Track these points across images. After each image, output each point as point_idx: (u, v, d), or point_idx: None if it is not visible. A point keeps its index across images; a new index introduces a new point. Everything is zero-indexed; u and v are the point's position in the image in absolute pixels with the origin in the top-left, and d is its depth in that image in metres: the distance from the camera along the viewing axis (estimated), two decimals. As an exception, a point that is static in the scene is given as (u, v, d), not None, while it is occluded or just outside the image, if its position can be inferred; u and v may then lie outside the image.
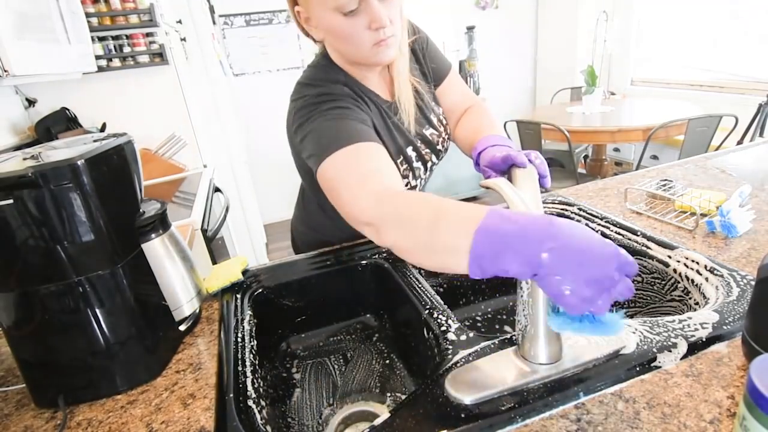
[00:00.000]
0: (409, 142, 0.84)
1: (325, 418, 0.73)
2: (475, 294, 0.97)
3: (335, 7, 0.65)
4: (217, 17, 3.21)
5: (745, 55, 2.93)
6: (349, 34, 0.68)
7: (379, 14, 0.65)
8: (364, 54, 0.71)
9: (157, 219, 0.64)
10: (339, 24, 0.67)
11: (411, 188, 0.85)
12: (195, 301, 0.69)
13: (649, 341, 0.51)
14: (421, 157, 0.86)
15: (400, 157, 0.82)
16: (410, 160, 0.83)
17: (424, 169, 0.87)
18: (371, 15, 0.66)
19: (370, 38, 0.68)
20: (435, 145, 0.89)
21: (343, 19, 0.66)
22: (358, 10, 0.65)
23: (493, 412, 0.45)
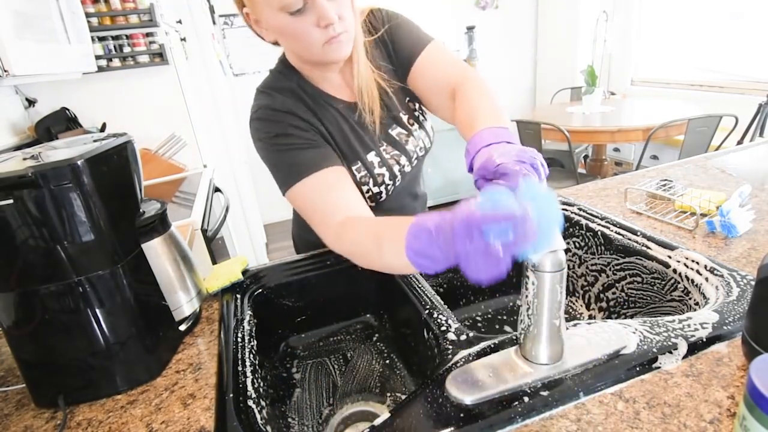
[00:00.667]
0: (370, 147, 0.80)
1: (325, 418, 0.73)
2: (475, 294, 0.97)
3: (280, 7, 0.63)
4: (217, 17, 3.21)
5: (745, 55, 2.93)
6: (298, 34, 0.66)
7: (326, 11, 0.63)
8: (315, 53, 0.69)
9: (157, 219, 0.64)
10: (287, 24, 0.65)
11: (373, 195, 0.81)
12: (195, 301, 0.69)
13: (649, 341, 0.51)
14: (385, 162, 0.81)
15: (357, 163, 0.79)
16: (370, 167, 0.80)
17: (390, 175, 0.82)
18: (318, 13, 0.64)
19: (319, 36, 0.66)
20: (403, 145, 0.84)
21: (291, 19, 0.64)
22: (305, 9, 0.63)
23: (493, 412, 0.45)
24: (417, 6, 3.59)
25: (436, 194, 3.55)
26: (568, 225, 0.92)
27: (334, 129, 0.77)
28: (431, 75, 0.80)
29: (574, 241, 0.91)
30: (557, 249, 0.45)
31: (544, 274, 0.46)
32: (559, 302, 0.47)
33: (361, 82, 0.77)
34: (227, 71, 3.25)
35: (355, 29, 0.73)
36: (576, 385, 0.47)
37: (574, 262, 0.91)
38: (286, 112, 0.73)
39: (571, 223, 0.91)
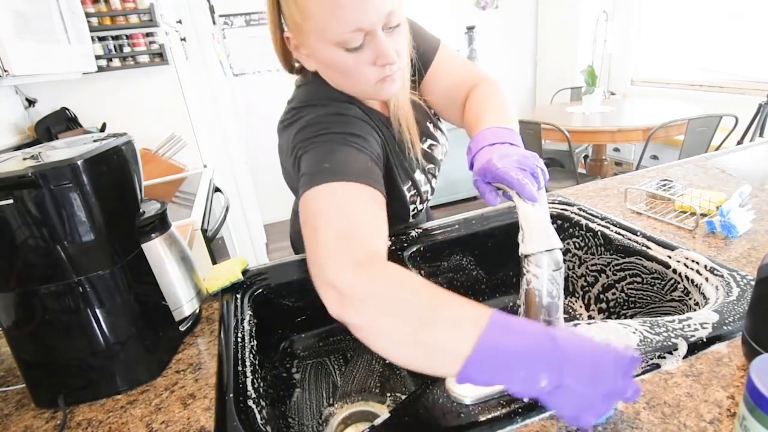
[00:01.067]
0: (415, 165, 0.77)
1: (325, 418, 0.73)
2: (475, 294, 0.97)
3: (337, 42, 0.56)
4: (217, 17, 3.21)
5: (745, 55, 2.93)
6: (352, 71, 0.60)
7: (387, 50, 0.57)
8: (365, 90, 0.64)
9: (157, 219, 0.64)
10: (340, 59, 0.58)
11: (417, 212, 0.79)
12: (195, 301, 0.69)
13: (649, 341, 0.51)
14: (429, 179, 0.81)
15: (408, 182, 0.75)
16: (418, 185, 0.77)
17: (431, 190, 0.82)
18: (378, 51, 0.57)
19: (374, 75, 0.60)
20: (435, 157, 0.83)
21: (346, 55, 0.58)
22: (363, 45, 0.57)
23: (494, 411, 0.45)
24: (417, 6, 3.59)
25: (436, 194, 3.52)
26: (568, 225, 0.92)
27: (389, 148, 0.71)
28: (445, 82, 0.78)
29: (574, 241, 0.91)
30: (554, 248, 0.45)
31: (542, 273, 0.46)
32: (557, 302, 0.47)
33: (398, 111, 0.72)
34: (227, 71, 3.25)
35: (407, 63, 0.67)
36: (576, 385, 0.47)
37: (574, 263, 0.91)
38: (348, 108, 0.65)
39: (571, 223, 0.91)
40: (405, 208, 0.77)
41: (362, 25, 0.55)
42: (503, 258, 0.95)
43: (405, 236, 0.90)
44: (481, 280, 0.96)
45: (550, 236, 0.46)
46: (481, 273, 0.96)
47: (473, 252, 0.94)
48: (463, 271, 0.94)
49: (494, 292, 0.98)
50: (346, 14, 0.54)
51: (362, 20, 0.55)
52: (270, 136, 0.80)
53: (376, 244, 0.49)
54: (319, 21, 0.56)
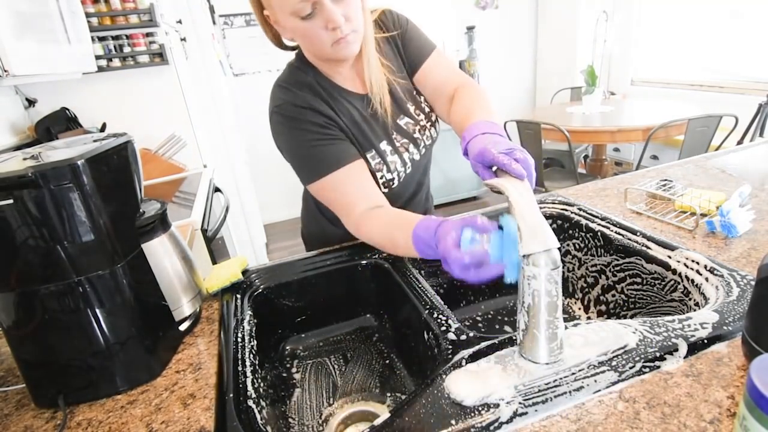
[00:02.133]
0: (382, 136, 0.86)
1: (325, 418, 0.73)
2: (475, 294, 0.97)
3: (292, 12, 0.68)
4: (217, 17, 3.21)
5: (745, 55, 2.93)
6: (309, 36, 0.72)
7: (332, 15, 0.68)
8: (326, 52, 0.74)
9: (157, 219, 0.64)
10: (298, 27, 0.71)
11: (386, 181, 0.86)
12: (195, 301, 0.69)
13: (649, 341, 0.51)
14: (396, 150, 0.87)
15: (371, 151, 0.84)
16: (383, 154, 0.85)
17: (401, 162, 0.88)
18: (325, 17, 0.69)
19: (328, 38, 0.71)
20: (411, 134, 0.89)
21: (301, 23, 0.69)
22: (314, 13, 0.68)
23: (493, 411, 0.45)
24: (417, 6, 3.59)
25: (435, 194, 3.52)
26: (568, 225, 0.92)
27: (348, 120, 0.82)
28: (435, 78, 0.89)
29: (573, 243, 0.91)
30: (551, 248, 0.45)
31: (540, 273, 0.46)
32: (556, 301, 0.47)
33: (371, 76, 0.82)
34: (227, 71, 3.25)
35: (365, 27, 0.78)
36: (576, 385, 0.47)
37: (574, 264, 0.91)
38: (307, 107, 0.78)
39: (571, 223, 0.91)
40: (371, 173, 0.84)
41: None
42: (503, 258, 0.95)
43: (405, 236, 0.90)
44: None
45: (547, 236, 0.46)
46: (481, 273, 0.96)
47: (473, 252, 0.94)
48: (463, 271, 0.94)
49: (494, 292, 0.98)
50: None
51: None
52: (270, 135, 0.81)
53: (362, 203, 0.76)
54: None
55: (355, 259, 0.86)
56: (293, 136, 0.78)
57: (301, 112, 0.77)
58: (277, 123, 0.79)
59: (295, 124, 0.77)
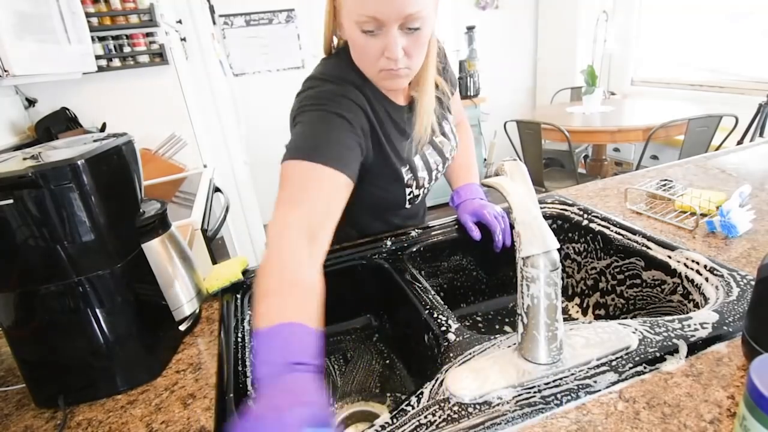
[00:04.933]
0: (416, 150, 0.83)
1: (325, 418, 0.73)
2: (475, 294, 0.97)
3: (355, 21, 0.63)
4: (217, 17, 3.21)
5: (745, 55, 2.93)
6: (362, 52, 0.67)
7: (394, 46, 0.63)
8: (371, 74, 0.71)
9: (157, 219, 0.64)
10: (357, 37, 0.65)
11: (413, 197, 0.85)
12: (195, 301, 0.69)
13: (650, 341, 0.51)
14: (427, 166, 0.85)
15: (406, 165, 0.80)
16: (415, 169, 0.82)
17: (429, 178, 0.86)
18: (387, 43, 0.63)
19: (380, 64, 0.66)
20: (444, 153, 0.89)
21: (361, 35, 0.64)
22: (376, 33, 0.63)
23: (493, 412, 0.45)
24: (417, 6, 3.58)
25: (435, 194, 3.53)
26: (568, 225, 0.92)
27: (388, 131, 0.77)
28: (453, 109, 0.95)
29: (573, 246, 0.90)
30: (550, 249, 0.45)
31: (539, 275, 0.46)
32: (555, 302, 0.47)
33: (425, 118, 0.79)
34: (227, 71, 3.25)
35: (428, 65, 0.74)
36: (576, 385, 0.47)
37: (573, 268, 0.91)
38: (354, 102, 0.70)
39: (571, 223, 0.91)
40: (401, 187, 0.81)
41: (378, 15, 0.60)
42: (503, 258, 0.95)
43: (405, 236, 0.90)
44: (481, 280, 0.96)
45: (546, 237, 0.46)
46: (481, 273, 0.96)
47: (473, 252, 0.94)
48: (463, 271, 0.94)
49: (494, 293, 0.98)
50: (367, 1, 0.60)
51: (379, 11, 0.60)
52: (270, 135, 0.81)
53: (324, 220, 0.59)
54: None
55: (355, 259, 0.86)
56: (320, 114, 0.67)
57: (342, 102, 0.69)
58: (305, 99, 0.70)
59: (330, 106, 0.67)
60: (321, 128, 0.66)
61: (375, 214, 0.91)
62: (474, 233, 0.84)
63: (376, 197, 0.83)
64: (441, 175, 0.92)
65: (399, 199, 0.84)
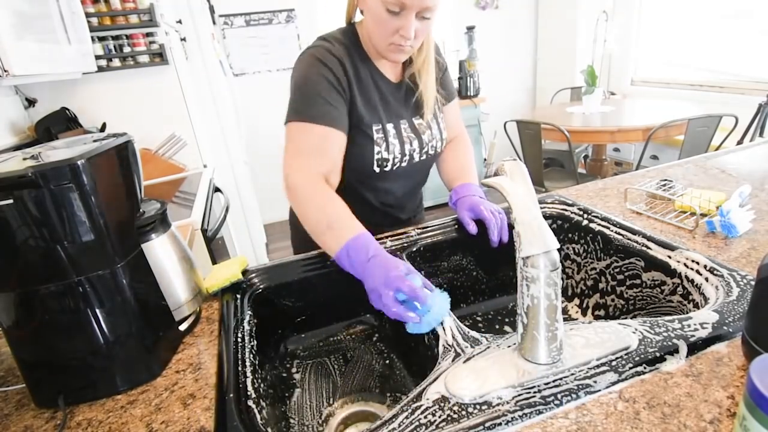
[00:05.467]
0: (391, 119, 0.91)
1: (325, 418, 0.73)
2: (475, 294, 0.97)
3: (384, 2, 0.76)
4: (217, 17, 3.21)
5: (745, 55, 2.93)
6: (379, 26, 0.79)
7: (408, 29, 0.77)
8: (380, 45, 0.83)
9: (157, 219, 0.64)
10: (380, 13, 0.77)
11: (381, 159, 0.90)
12: (195, 301, 0.69)
13: (649, 341, 0.51)
14: (399, 136, 0.91)
15: (378, 124, 0.89)
16: (387, 133, 0.90)
17: (400, 148, 0.91)
18: (404, 24, 0.77)
19: (392, 39, 0.80)
20: (420, 134, 0.94)
21: (384, 13, 0.77)
22: (398, 15, 0.76)
23: (493, 412, 0.45)
24: (417, 6, 3.58)
25: (435, 194, 3.54)
26: (568, 225, 0.92)
27: (367, 91, 0.88)
28: (449, 118, 1.03)
29: (573, 247, 0.90)
30: (550, 249, 0.45)
31: (540, 275, 0.46)
32: (555, 302, 0.47)
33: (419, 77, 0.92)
34: (227, 71, 3.25)
35: (427, 48, 0.90)
36: (576, 385, 0.47)
37: (573, 269, 0.91)
38: (338, 59, 0.84)
39: (571, 223, 0.91)
40: (370, 143, 0.89)
41: (406, 2, 0.74)
42: (503, 258, 0.95)
43: (405, 236, 0.90)
44: (481, 280, 0.96)
45: (546, 237, 0.46)
46: (481, 273, 0.96)
47: (473, 252, 0.94)
48: (463, 271, 0.94)
49: (494, 292, 0.98)
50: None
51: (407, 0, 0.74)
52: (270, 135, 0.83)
53: (323, 168, 0.80)
54: None
55: (355, 259, 0.86)
56: (311, 73, 0.82)
57: (329, 59, 0.83)
58: (303, 58, 0.84)
59: (318, 67, 0.82)
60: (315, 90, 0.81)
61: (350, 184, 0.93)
62: (470, 227, 0.87)
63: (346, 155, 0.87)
64: (420, 156, 0.95)
65: (367, 155, 0.89)
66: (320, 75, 0.82)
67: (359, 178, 0.93)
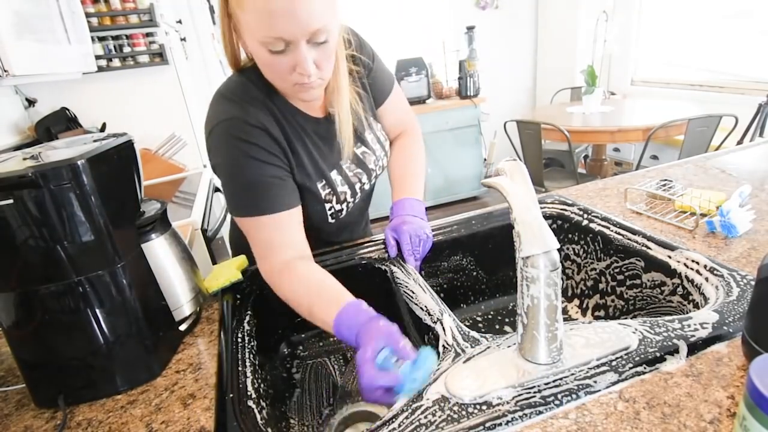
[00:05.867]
0: (334, 165, 0.81)
1: (325, 418, 0.73)
2: (475, 294, 0.97)
3: (261, 42, 0.61)
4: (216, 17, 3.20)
5: (745, 55, 2.93)
6: (273, 71, 0.66)
7: (304, 63, 0.62)
8: (284, 89, 0.71)
9: (157, 219, 0.64)
10: (263, 57, 0.63)
11: (335, 212, 0.83)
12: (195, 301, 0.69)
13: (650, 341, 0.51)
14: (347, 180, 0.82)
15: (322, 180, 0.78)
16: (333, 184, 0.80)
17: (351, 193, 0.83)
18: (297, 60, 0.62)
19: (293, 78, 0.65)
20: (366, 165, 0.85)
21: (268, 55, 0.62)
22: (285, 51, 0.61)
23: (493, 412, 0.45)
24: (418, 6, 3.59)
25: (436, 194, 3.55)
26: (568, 225, 0.92)
27: (300, 146, 0.76)
28: (389, 119, 0.91)
29: (573, 247, 0.90)
30: (550, 249, 0.45)
31: (540, 275, 0.46)
32: (555, 302, 0.47)
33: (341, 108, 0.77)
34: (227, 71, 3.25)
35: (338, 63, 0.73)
36: (576, 385, 0.47)
37: (573, 269, 0.91)
38: (259, 127, 0.69)
39: (571, 223, 0.91)
40: (320, 203, 0.80)
41: (285, 36, 0.59)
42: (503, 258, 0.95)
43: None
44: (481, 280, 0.96)
45: (546, 237, 0.46)
46: (481, 273, 0.96)
47: (473, 252, 0.94)
48: (463, 271, 0.94)
49: (494, 293, 0.98)
50: (273, 21, 0.58)
51: (286, 31, 0.59)
52: None
53: (287, 251, 0.71)
54: (251, 17, 0.59)
55: (355, 259, 0.86)
56: (237, 159, 0.69)
57: (251, 133, 0.69)
58: (221, 140, 0.70)
59: (243, 147, 0.68)
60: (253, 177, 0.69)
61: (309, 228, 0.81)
62: (391, 250, 0.82)
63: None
64: (369, 186, 0.88)
65: (320, 214, 0.81)
66: (249, 158, 0.68)
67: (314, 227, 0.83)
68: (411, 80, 3.33)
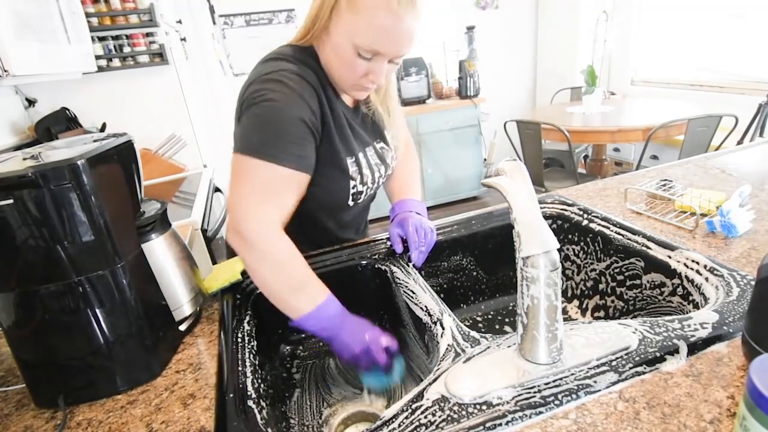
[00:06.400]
0: (362, 148, 0.84)
1: (325, 418, 0.73)
2: (475, 294, 0.97)
3: (356, 44, 0.67)
4: (217, 17, 3.21)
5: (745, 55, 2.92)
6: (348, 68, 0.71)
7: (380, 73, 0.70)
8: (344, 84, 0.75)
9: (157, 219, 0.64)
10: (347, 55, 0.69)
11: (357, 193, 0.84)
12: (195, 301, 0.69)
13: (650, 341, 0.51)
14: (370, 166, 0.85)
15: (352, 157, 0.82)
16: (360, 164, 0.83)
17: (372, 179, 0.86)
18: (375, 70, 0.70)
19: (359, 81, 0.72)
20: (385, 159, 0.90)
21: (353, 56, 0.68)
22: (370, 60, 0.69)
23: (493, 412, 0.45)
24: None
25: (436, 194, 3.54)
26: (568, 225, 0.92)
27: (337, 125, 0.79)
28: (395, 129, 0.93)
29: (573, 248, 0.90)
30: (550, 249, 0.45)
31: (540, 275, 0.46)
32: (555, 302, 0.47)
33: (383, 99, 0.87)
34: (227, 71, 3.25)
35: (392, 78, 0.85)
36: (576, 385, 0.47)
37: (573, 270, 0.91)
38: (313, 88, 0.72)
39: (571, 223, 0.91)
40: (346, 179, 0.81)
41: (382, 51, 0.68)
42: (503, 258, 0.95)
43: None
44: (481, 280, 0.96)
45: (546, 237, 0.46)
46: (481, 273, 0.96)
47: (473, 252, 0.94)
48: (463, 271, 0.94)
49: (494, 292, 0.98)
50: (379, 37, 0.66)
51: (385, 48, 0.67)
52: None
53: (275, 215, 0.66)
54: (361, 23, 0.65)
55: (355, 259, 0.86)
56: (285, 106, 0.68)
57: (306, 91, 0.70)
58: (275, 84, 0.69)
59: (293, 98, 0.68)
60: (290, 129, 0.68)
61: (316, 217, 0.87)
62: (396, 247, 0.84)
63: (320, 193, 0.80)
64: (382, 180, 0.91)
65: (343, 192, 0.82)
66: (295, 110, 0.68)
67: (327, 212, 0.88)
68: (411, 80, 3.32)
